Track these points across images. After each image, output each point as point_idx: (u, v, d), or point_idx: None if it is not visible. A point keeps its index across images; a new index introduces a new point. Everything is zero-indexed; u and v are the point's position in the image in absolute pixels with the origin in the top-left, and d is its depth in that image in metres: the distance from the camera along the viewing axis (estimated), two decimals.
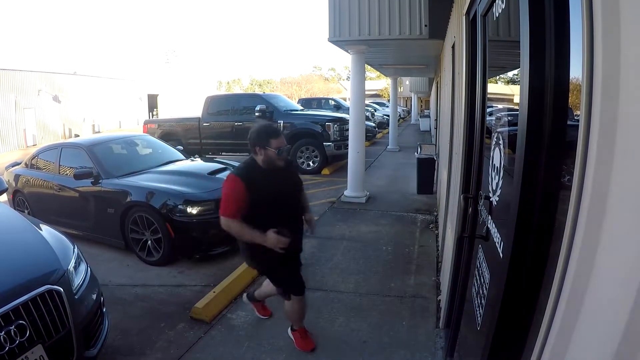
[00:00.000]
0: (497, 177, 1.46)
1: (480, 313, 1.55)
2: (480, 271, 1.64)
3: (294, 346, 2.85)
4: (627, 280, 0.59)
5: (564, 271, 0.80)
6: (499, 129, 1.57)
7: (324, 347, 2.88)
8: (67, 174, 5.01)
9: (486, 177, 1.68)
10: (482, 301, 1.53)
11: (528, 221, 1.06)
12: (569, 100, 0.93)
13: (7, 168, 6.24)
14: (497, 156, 1.49)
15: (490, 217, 1.56)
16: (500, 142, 1.46)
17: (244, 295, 3.30)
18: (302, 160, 9.28)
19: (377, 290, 2.68)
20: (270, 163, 2.48)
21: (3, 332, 1.87)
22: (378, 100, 30.33)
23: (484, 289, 1.52)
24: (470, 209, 1.95)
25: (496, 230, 1.41)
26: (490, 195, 1.56)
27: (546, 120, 0.98)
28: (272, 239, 2.35)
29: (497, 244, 1.35)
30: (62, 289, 2.17)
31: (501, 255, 1.25)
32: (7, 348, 1.86)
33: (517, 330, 1.11)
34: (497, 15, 1.56)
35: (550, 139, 0.98)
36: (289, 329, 2.92)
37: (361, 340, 2.94)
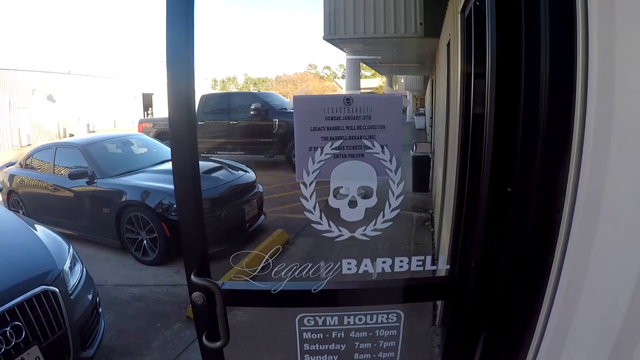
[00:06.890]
0: None
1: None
2: None
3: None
4: (625, 279, 0.59)
5: (559, 270, 0.80)
6: None
7: None
8: (61, 174, 4.99)
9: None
10: None
11: (525, 218, 1.06)
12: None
13: (1, 168, 6.19)
14: None
15: None
16: None
17: None
18: None
19: None
20: None
21: None
22: None
23: None
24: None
25: None
26: None
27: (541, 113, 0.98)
28: None
29: None
30: (57, 290, 2.16)
31: None
32: (2, 349, 1.85)
33: (514, 329, 1.11)
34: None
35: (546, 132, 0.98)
36: None
37: None
